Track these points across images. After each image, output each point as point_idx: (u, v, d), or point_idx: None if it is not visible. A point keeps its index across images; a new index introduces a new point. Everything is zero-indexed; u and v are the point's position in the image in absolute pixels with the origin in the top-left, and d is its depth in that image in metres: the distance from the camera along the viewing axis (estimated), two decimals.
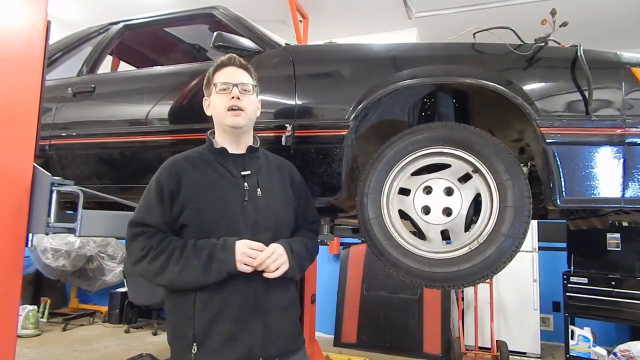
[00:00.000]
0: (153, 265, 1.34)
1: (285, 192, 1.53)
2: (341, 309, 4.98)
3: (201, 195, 1.41)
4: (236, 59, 1.53)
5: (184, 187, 1.41)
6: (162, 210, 1.39)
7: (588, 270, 4.12)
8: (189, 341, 1.33)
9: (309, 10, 4.85)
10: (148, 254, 1.35)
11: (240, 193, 1.43)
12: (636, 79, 1.57)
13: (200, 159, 1.48)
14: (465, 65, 1.71)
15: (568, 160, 1.55)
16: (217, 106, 1.48)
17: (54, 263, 5.38)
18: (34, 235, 1.49)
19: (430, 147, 1.67)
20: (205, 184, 1.43)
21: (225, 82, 1.47)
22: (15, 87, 1.47)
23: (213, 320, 1.33)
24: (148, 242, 1.37)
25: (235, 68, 1.51)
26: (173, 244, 1.36)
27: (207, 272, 1.31)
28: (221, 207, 1.40)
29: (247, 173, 1.47)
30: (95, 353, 4.57)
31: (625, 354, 3.58)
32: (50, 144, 2.26)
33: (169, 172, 1.43)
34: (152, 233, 1.38)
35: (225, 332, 1.33)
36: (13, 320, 1.43)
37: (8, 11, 1.45)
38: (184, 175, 1.43)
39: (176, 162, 1.47)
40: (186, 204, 1.39)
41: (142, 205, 1.43)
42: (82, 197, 1.58)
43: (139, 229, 1.39)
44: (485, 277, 1.57)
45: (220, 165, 1.47)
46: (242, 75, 1.51)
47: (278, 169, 1.57)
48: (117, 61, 3.06)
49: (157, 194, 1.41)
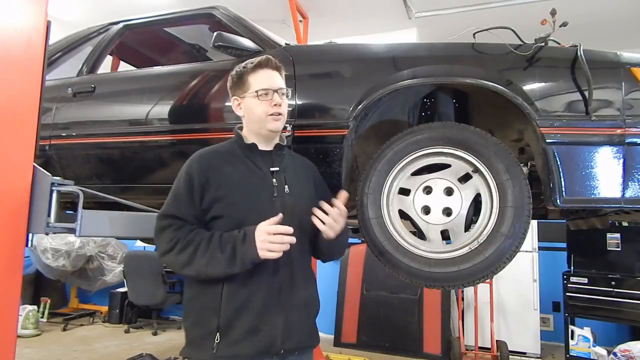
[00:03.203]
0: (180, 257, 1.36)
1: (309, 190, 1.55)
2: (341, 309, 4.98)
3: (232, 189, 1.42)
4: (272, 60, 1.51)
5: (215, 181, 1.42)
6: (191, 203, 1.41)
7: (588, 270, 4.11)
8: (212, 330, 1.35)
9: (309, 10, 4.85)
10: (176, 246, 1.37)
11: (269, 189, 1.45)
12: (636, 79, 1.57)
13: (230, 153, 1.49)
14: (466, 65, 1.71)
15: (568, 160, 1.55)
16: (256, 111, 1.47)
17: (54, 263, 5.38)
18: (34, 235, 1.49)
19: (430, 147, 1.67)
20: (236, 178, 1.44)
21: (266, 89, 1.46)
22: (15, 87, 1.47)
23: (238, 311, 1.36)
24: (176, 233, 1.38)
25: (272, 71, 1.50)
26: (199, 237, 1.37)
27: (233, 265, 1.33)
28: (251, 202, 1.42)
29: (276, 169, 1.49)
30: (95, 353, 4.57)
31: (625, 354, 3.58)
32: (50, 144, 2.26)
33: (200, 166, 1.44)
34: (180, 225, 1.40)
35: (249, 324, 1.35)
36: (13, 320, 1.43)
37: (8, 11, 1.45)
38: (215, 169, 1.44)
39: (206, 156, 1.48)
40: (217, 197, 1.41)
41: (171, 198, 1.44)
42: (82, 197, 1.58)
43: (167, 221, 1.41)
44: (485, 277, 1.58)
45: (250, 161, 1.48)
46: (279, 79, 1.51)
47: (303, 167, 1.60)
48: (117, 61, 3.06)
49: (187, 187, 1.41)
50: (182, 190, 1.42)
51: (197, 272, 1.36)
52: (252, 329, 1.36)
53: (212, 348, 1.34)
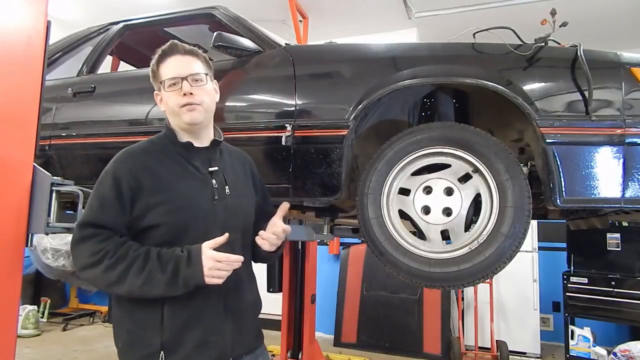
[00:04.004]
0: (108, 275, 1.19)
1: (249, 188, 1.48)
2: (341, 309, 4.98)
3: (169, 194, 1.27)
4: (178, 45, 1.36)
5: (148, 185, 1.26)
6: (120, 210, 1.24)
7: (588, 270, 4.12)
8: (155, 349, 1.23)
9: (309, 10, 4.85)
10: (102, 261, 1.19)
11: (209, 191, 1.33)
12: (636, 79, 1.57)
13: (162, 152, 1.34)
14: (465, 65, 1.71)
15: (568, 160, 1.55)
16: (169, 104, 1.34)
17: (54, 263, 5.37)
18: (34, 235, 1.49)
19: (430, 147, 1.67)
20: (172, 181, 1.29)
21: (173, 77, 1.32)
22: (15, 87, 1.47)
23: (184, 326, 1.25)
24: (102, 245, 1.21)
25: (180, 56, 1.35)
26: (133, 252, 1.21)
27: (174, 287, 1.20)
28: (191, 207, 1.29)
29: (214, 169, 1.37)
30: (95, 353, 4.57)
31: (625, 354, 3.59)
32: (50, 144, 2.26)
33: (128, 167, 1.28)
34: (107, 236, 1.22)
35: (198, 337, 1.25)
36: (13, 320, 1.43)
37: (8, 11, 1.45)
38: (147, 171, 1.28)
39: (136, 156, 1.32)
40: (152, 204, 1.25)
41: (94, 204, 1.25)
42: (82, 197, 1.58)
43: (90, 230, 1.23)
44: (485, 277, 1.57)
45: (186, 161, 1.34)
46: (190, 64, 1.35)
47: (240, 163, 1.49)
48: (117, 61, 3.06)
49: (115, 191, 1.24)
50: (109, 195, 1.24)
51: (129, 292, 1.20)
52: (201, 342, 1.25)
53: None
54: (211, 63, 1.45)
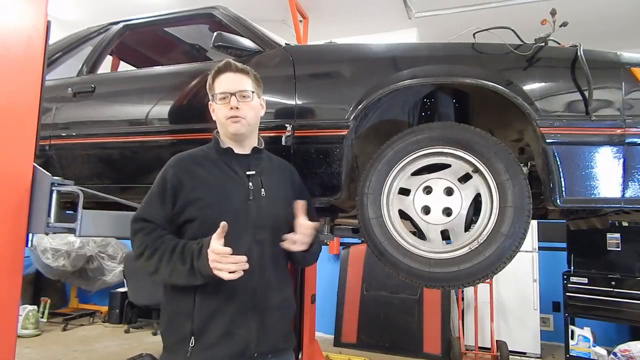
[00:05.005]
0: (148, 265, 1.37)
1: (286, 193, 1.55)
2: (341, 309, 4.98)
3: (205, 192, 1.43)
4: (232, 64, 1.51)
5: (188, 184, 1.43)
6: (162, 206, 1.42)
7: (588, 270, 4.12)
8: (186, 334, 1.36)
9: (309, 10, 4.86)
10: (144, 252, 1.38)
11: (244, 192, 1.46)
12: (636, 79, 1.57)
13: (205, 157, 1.51)
14: (465, 65, 1.71)
15: (568, 160, 1.55)
16: (218, 115, 1.51)
17: (54, 263, 5.38)
18: (34, 235, 1.49)
19: (430, 147, 1.67)
20: (210, 181, 1.45)
21: (224, 92, 1.48)
22: (15, 87, 1.47)
23: (212, 315, 1.36)
24: (145, 239, 1.39)
25: (232, 74, 1.50)
26: (164, 245, 1.37)
27: (194, 277, 1.32)
28: (224, 204, 1.42)
29: (252, 173, 1.49)
30: (95, 353, 4.57)
31: (625, 354, 3.58)
32: (50, 144, 2.26)
33: (173, 169, 1.46)
34: (150, 229, 1.40)
35: (223, 328, 1.36)
36: (13, 320, 1.43)
37: (8, 11, 1.45)
38: (189, 172, 1.45)
39: (181, 160, 1.50)
40: (190, 200, 1.41)
41: (145, 201, 1.46)
42: (82, 197, 1.59)
43: (139, 224, 1.42)
44: (485, 277, 1.58)
45: (225, 164, 1.49)
46: (240, 81, 1.50)
47: (280, 170, 1.60)
48: (117, 61, 3.06)
49: (160, 189, 1.43)
50: (155, 193, 1.44)
51: (162, 281, 1.39)
52: (226, 332, 1.36)
53: (187, 352, 1.34)
54: (260, 81, 1.58)
